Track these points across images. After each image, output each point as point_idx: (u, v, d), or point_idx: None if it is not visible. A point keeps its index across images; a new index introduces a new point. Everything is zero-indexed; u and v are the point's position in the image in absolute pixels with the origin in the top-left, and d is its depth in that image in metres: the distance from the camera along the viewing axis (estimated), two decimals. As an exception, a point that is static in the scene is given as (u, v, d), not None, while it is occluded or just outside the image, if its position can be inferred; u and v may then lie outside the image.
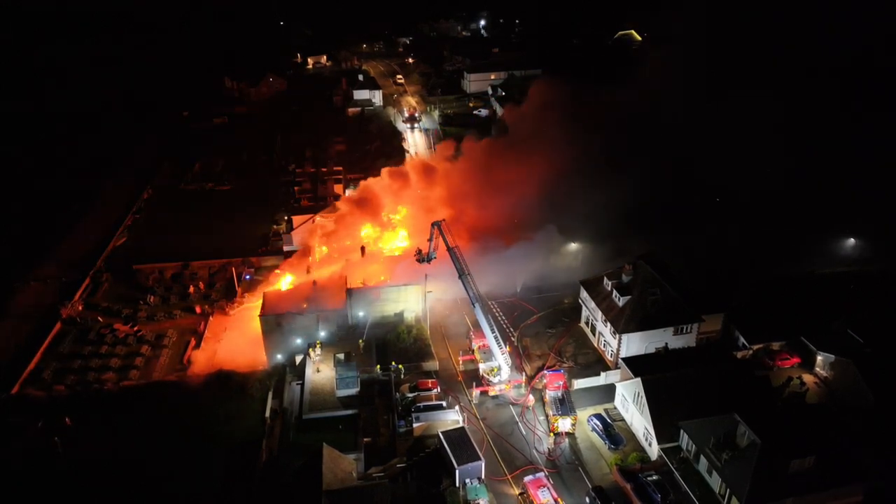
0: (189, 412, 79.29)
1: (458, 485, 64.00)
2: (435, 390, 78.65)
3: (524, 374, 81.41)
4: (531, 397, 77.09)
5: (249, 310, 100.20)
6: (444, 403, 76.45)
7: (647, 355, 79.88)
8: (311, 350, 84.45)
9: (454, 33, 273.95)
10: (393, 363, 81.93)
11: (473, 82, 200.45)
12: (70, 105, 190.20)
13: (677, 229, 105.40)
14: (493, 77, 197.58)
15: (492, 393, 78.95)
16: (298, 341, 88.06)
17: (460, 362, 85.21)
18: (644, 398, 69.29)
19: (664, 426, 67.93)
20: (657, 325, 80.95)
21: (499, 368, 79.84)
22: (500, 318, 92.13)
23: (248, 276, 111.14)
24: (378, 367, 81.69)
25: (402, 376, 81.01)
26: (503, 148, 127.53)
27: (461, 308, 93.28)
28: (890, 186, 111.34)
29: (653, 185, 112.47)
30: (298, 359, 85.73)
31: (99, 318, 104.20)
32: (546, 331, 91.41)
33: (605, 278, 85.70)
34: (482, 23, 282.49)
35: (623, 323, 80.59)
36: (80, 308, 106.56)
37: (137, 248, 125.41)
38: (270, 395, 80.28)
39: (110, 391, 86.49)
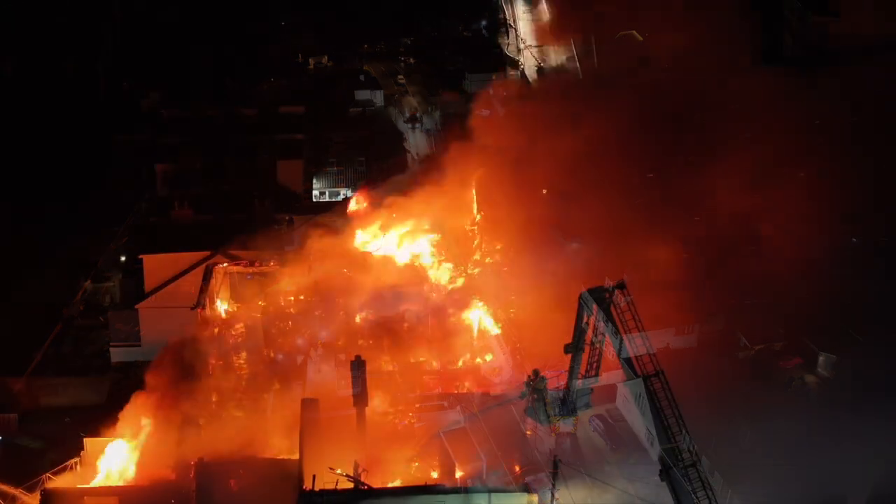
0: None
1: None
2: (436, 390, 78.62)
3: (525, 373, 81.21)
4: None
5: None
6: (446, 403, 76.51)
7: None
8: (311, 350, 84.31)
9: (456, 33, 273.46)
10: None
11: (475, 82, 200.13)
12: (69, 105, 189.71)
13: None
14: (494, 77, 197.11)
15: (493, 393, 78.88)
16: (299, 341, 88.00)
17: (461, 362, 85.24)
18: (646, 398, 69.02)
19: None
20: (659, 325, 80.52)
21: (500, 368, 79.78)
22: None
23: (248, 276, 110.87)
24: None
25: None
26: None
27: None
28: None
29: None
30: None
31: (101, 319, 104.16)
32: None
33: (607, 278, 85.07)
34: (483, 23, 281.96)
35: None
36: (82, 308, 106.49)
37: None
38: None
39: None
